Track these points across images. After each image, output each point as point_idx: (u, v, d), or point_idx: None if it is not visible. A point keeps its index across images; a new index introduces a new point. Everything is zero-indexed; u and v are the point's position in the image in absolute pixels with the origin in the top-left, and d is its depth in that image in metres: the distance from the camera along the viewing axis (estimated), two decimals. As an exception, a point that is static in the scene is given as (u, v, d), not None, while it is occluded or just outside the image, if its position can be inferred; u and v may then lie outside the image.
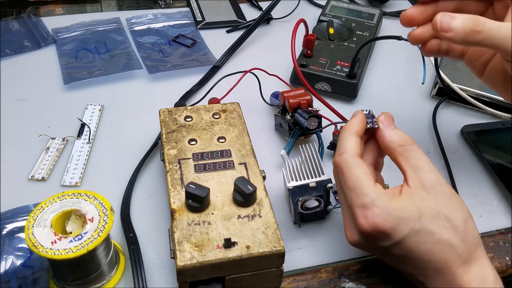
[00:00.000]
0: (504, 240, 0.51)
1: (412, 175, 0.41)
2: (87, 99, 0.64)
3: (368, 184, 0.40)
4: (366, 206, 0.39)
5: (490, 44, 0.42)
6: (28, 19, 0.77)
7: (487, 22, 0.41)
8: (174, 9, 0.83)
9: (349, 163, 0.41)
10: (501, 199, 0.55)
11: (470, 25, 0.41)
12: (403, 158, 0.42)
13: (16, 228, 0.48)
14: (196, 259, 0.39)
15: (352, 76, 0.65)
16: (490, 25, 0.41)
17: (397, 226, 0.38)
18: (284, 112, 0.58)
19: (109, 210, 0.42)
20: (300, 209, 0.48)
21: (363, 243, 0.41)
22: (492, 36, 0.41)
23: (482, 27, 0.41)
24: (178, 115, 0.53)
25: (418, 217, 0.39)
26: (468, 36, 0.42)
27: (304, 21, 0.63)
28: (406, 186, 0.41)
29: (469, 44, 0.43)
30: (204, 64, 0.70)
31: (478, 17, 0.42)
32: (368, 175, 0.41)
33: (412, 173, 0.41)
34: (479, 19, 0.41)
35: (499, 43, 0.41)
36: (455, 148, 0.60)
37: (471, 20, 0.41)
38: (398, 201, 0.39)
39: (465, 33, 0.41)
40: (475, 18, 0.42)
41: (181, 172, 0.46)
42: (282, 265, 0.42)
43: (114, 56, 0.71)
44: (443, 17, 0.42)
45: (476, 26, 0.41)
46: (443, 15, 0.42)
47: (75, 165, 0.55)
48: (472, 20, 0.41)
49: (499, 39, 0.41)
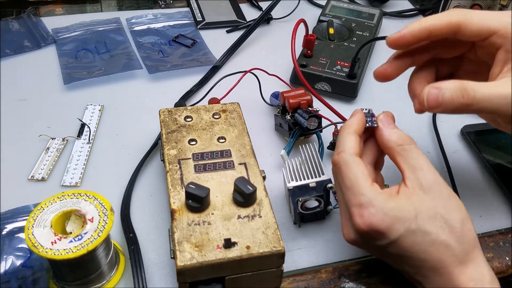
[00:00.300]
0: (504, 240, 0.51)
1: (410, 175, 0.41)
2: (87, 99, 0.64)
3: (366, 184, 0.40)
4: (362, 205, 0.39)
5: (484, 112, 0.41)
6: (28, 19, 0.77)
7: (477, 90, 0.39)
8: (174, 9, 0.83)
9: (347, 162, 0.41)
10: (501, 199, 0.54)
11: (460, 99, 0.39)
12: (402, 158, 0.42)
13: (16, 228, 0.48)
14: (196, 259, 0.39)
15: (352, 76, 0.65)
16: (480, 95, 0.39)
17: (392, 226, 0.38)
18: (284, 112, 0.58)
19: (109, 210, 0.42)
20: (300, 209, 0.48)
21: (359, 241, 0.41)
22: (484, 106, 0.40)
23: (473, 99, 0.39)
24: (178, 115, 0.53)
25: (415, 217, 0.39)
26: (459, 109, 0.40)
27: (304, 21, 0.63)
28: (403, 186, 0.41)
29: (461, 113, 0.42)
30: (204, 64, 0.70)
31: (466, 85, 0.40)
32: (366, 174, 0.41)
33: (410, 173, 0.41)
34: (467, 88, 0.40)
35: (492, 111, 0.40)
36: (455, 148, 0.60)
37: (460, 92, 0.39)
38: (394, 201, 0.39)
39: (455, 106, 0.40)
40: (463, 88, 0.40)
41: (181, 172, 0.46)
42: (282, 265, 0.42)
43: (114, 56, 0.71)
44: (430, 92, 0.40)
45: (466, 99, 0.39)
46: (430, 89, 0.41)
47: (75, 165, 0.55)
48: (461, 92, 0.39)
49: (492, 108, 0.40)
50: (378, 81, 0.48)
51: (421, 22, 0.43)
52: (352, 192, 0.40)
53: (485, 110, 0.40)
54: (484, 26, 0.42)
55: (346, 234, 0.42)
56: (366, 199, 0.39)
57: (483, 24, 0.42)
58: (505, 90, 0.40)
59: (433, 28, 0.43)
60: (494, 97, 0.39)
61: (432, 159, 0.58)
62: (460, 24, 0.42)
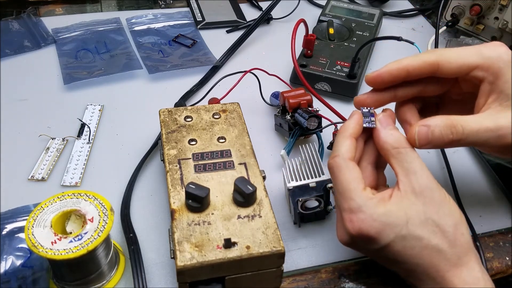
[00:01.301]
0: (504, 240, 0.51)
1: (403, 179, 0.41)
2: (87, 99, 0.64)
3: (357, 189, 0.40)
4: (352, 210, 0.40)
5: (473, 146, 0.42)
6: (28, 19, 0.77)
7: (465, 126, 0.40)
8: (174, 9, 0.83)
9: (340, 166, 0.41)
10: (501, 199, 0.54)
11: (449, 135, 0.41)
12: (396, 161, 0.42)
13: (16, 228, 0.48)
14: (196, 259, 0.39)
15: (352, 76, 0.65)
16: (468, 130, 0.40)
17: (382, 232, 0.39)
18: (284, 112, 0.58)
19: (109, 210, 0.42)
20: (300, 209, 0.48)
21: (352, 244, 0.42)
22: (474, 141, 0.41)
23: (462, 135, 0.40)
24: (178, 115, 0.53)
25: (406, 222, 0.39)
26: (449, 145, 0.41)
27: (304, 21, 0.63)
28: (397, 190, 0.41)
29: (450, 147, 0.42)
30: (204, 64, 0.70)
31: (454, 122, 0.41)
32: (359, 179, 0.41)
33: (404, 177, 0.41)
34: (456, 125, 0.40)
35: (480, 145, 0.41)
36: (455, 148, 0.60)
37: (449, 128, 0.41)
38: (385, 206, 0.39)
39: (445, 143, 0.41)
40: (451, 124, 0.41)
41: (181, 172, 0.46)
42: (282, 265, 0.42)
43: (114, 56, 0.71)
44: (421, 131, 0.41)
45: (455, 135, 0.41)
46: (420, 128, 0.41)
47: (75, 165, 0.55)
48: (449, 128, 0.41)
49: (481, 142, 0.41)
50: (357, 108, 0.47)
51: (399, 62, 0.44)
52: (344, 196, 0.40)
53: (474, 144, 0.42)
54: (464, 63, 0.42)
55: (339, 235, 0.43)
56: (356, 204, 0.39)
57: (462, 61, 0.43)
58: (491, 123, 0.40)
59: (411, 68, 0.43)
60: (482, 131, 0.40)
61: (432, 160, 0.58)
62: (438, 63, 0.43)
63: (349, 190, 0.40)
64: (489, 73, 0.42)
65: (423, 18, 0.86)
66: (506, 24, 0.71)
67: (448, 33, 0.81)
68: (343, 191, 0.40)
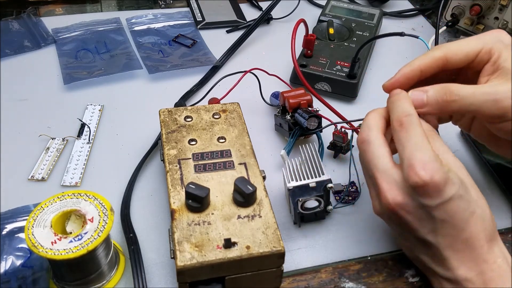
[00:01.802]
0: (504, 240, 0.50)
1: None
2: (87, 99, 0.64)
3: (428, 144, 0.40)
4: (425, 160, 0.39)
5: (467, 110, 0.43)
6: (28, 19, 0.77)
7: (460, 89, 0.42)
8: (174, 9, 0.83)
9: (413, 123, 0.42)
10: (501, 199, 0.55)
11: (443, 96, 0.42)
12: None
13: (16, 228, 0.48)
14: (196, 259, 0.39)
15: (352, 76, 0.65)
16: (464, 92, 0.42)
17: (449, 183, 0.39)
18: (284, 112, 0.58)
19: (109, 210, 0.42)
20: (300, 209, 0.48)
21: (407, 202, 0.40)
22: (468, 103, 0.42)
23: (456, 96, 0.42)
24: (178, 115, 0.53)
25: (461, 182, 0.40)
26: (444, 107, 0.43)
27: (304, 21, 0.63)
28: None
29: (447, 113, 0.44)
30: (204, 64, 0.70)
31: (449, 85, 0.43)
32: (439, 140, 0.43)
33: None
34: (451, 88, 0.42)
35: (476, 108, 0.42)
36: (455, 148, 0.60)
37: (443, 90, 0.42)
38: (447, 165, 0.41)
39: (439, 105, 0.43)
40: (447, 87, 0.42)
41: (181, 172, 0.46)
42: (282, 265, 0.42)
43: (114, 56, 0.71)
44: (414, 94, 0.43)
45: (449, 96, 0.42)
46: (413, 92, 0.44)
47: (75, 165, 0.55)
48: (444, 90, 0.42)
49: (476, 105, 0.42)
50: None
51: (410, 65, 0.46)
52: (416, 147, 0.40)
53: (470, 108, 0.42)
54: (469, 51, 0.45)
55: (390, 197, 0.41)
56: (429, 155, 0.39)
57: (466, 50, 0.45)
58: (489, 88, 0.42)
59: (423, 67, 0.45)
60: (478, 94, 0.42)
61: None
62: (446, 56, 0.45)
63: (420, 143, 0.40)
64: (490, 55, 0.44)
65: (423, 18, 0.86)
66: (506, 24, 0.71)
67: (448, 33, 0.81)
68: (416, 143, 0.40)
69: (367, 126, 0.44)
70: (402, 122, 0.42)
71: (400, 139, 0.42)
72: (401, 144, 0.41)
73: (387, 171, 0.41)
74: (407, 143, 0.41)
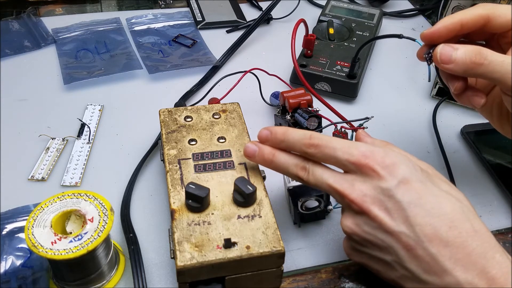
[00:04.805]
0: (504, 240, 0.51)
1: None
2: (87, 99, 0.64)
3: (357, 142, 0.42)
4: (362, 148, 0.41)
5: (491, 77, 0.42)
6: (28, 19, 0.77)
7: (490, 54, 0.41)
8: (174, 9, 0.83)
9: None
10: (501, 199, 0.55)
11: (472, 57, 0.41)
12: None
13: (16, 228, 0.48)
14: (196, 259, 0.39)
15: (352, 76, 0.65)
16: (493, 58, 0.41)
17: (397, 163, 0.40)
18: (284, 112, 0.58)
19: (109, 210, 0.42)
20: (300, 209, 0.48)
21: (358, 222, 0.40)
22: (495, 70, 0.41)
23: (485, 60, 0.41)
24: (178, 115, 0.53)
25: (421, 170, 0.40)
26: (470, 68, 0.42)
27: (304, 21, 0.63)
28: None
29: (470, 75, 0.43)
30: (204, 64, 0.70)
31: (481, 48, 0.41)
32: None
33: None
34: (482, 51, 0.41)
35: (500, 76, 0.41)
36: (455, 148, 0.60)
37: (474, 52, 0.41)
38: None
39: (466, 65, 0.41)
40: (478, 50, 0.41)
41: (181, 172, 0.46)
42: (282, 265, 0.42)
43: (114, 56, 0.71)
44: (444, 48, 0.42)
45: (478, 59, 0.41)
46: (444, 46, 0.43)
47: (75, 165, 0.55)
48: (474, 52, 0.41)
49: (502, 73, 0.41)
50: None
51: (453, 17, 0.45)
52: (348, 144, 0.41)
53: (493, 75, 0.41)
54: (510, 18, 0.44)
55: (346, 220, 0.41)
56: (365, 144, 0.41)
57: (509, 16, 0.44)
58: None
59: (464, 21, 0.44)
60: (506, 63, 0.41)
61: (432, 159, 0.58)
62: (489, 16, 0.44)
63: (346, 142, 0.42)
64: None
65: (423, 18, 0.86)
66: (506, 24, 0.71)
67: (448, 33, 0.81)
68: (342, 143, 0.41)
69: None
70: (311, 143, 0.42)
71: (326, 153, 0.42)
72: (331, 156, 0.41)
73: None
74: (335, 150, 0.41)
